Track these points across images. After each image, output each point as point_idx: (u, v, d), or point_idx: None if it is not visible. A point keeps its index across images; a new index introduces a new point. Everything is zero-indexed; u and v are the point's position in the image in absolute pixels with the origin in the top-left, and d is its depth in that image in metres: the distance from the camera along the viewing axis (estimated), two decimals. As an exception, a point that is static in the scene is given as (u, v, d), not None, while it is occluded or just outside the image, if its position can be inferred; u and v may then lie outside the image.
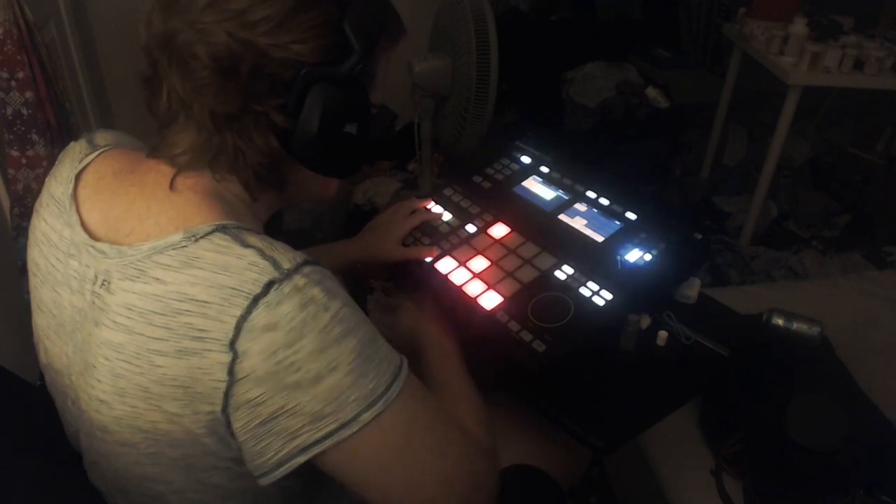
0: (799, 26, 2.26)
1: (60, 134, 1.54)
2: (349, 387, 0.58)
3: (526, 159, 1.25)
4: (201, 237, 0.59)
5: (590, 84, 2.87)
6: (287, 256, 0.58)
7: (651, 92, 2.82)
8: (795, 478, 1.03)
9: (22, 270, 1.54)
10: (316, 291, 0.57)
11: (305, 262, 0.59)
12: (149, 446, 0.62)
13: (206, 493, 0.66)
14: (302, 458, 0.59)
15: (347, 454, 0.60)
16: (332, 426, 0.58)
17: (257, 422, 0.57)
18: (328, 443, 0.58)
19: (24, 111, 1.46)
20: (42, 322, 0.71)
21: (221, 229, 0.60)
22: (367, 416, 0.58)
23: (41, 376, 0.75)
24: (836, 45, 2.23)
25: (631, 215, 1.09)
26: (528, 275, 1.02)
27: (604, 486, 1.58)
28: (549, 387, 0.92)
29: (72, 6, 2.09)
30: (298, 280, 0.57)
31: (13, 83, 1.43)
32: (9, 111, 1.45)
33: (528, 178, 1.21)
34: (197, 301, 0.56)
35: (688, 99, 2.90)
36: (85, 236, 0.64)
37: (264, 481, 0.60)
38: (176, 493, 0.66)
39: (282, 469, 0.59)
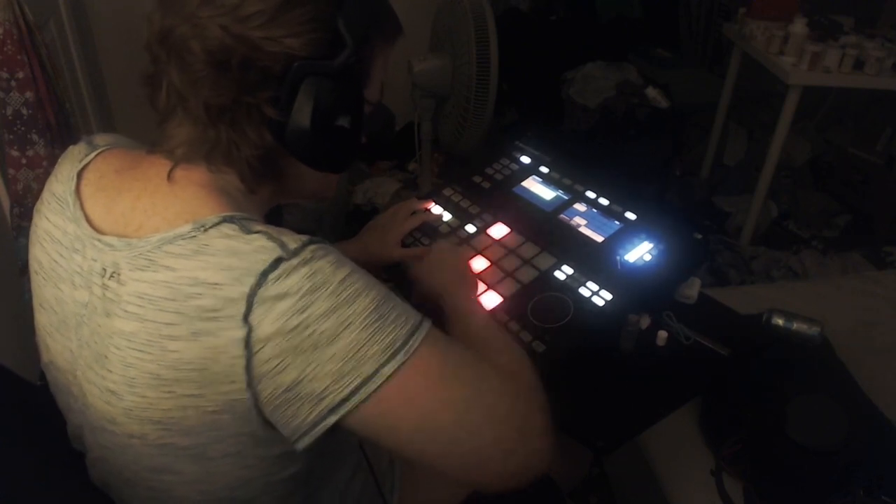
0: (799, 26, 2.26)
1: (60, 134, 1.54)
2: (366, 342, 0.58)
3: (526, 159, 1.25)
4: (210, 227, 0.60)
5: (590, 84, 2.87)
6: (293, 238, 0.60)
7: (651, 92, 2.82)
8: (795, 478, 1.03)
9: (22, 270, 1.54)
10: (323, 262, 0.59)
11: (311, 241, 0.60)
12: (159, 437, 0.63)
13: (214, 484, 0.66)
14: (332, 419, 0.59)
15: (378, 410, 0.59)
16: (356, 382, 0.58)
17: (283, 388, 0.58)
18: (355, 399, 0.58)
19: (24, 111, 1.46)
20: (44, 320, 0.71)
21: (229, 220, 0.61)
22: (388, 369, 0.58)
23: (42, 376, 0.75)
24: (836, 45, 2.24)
25: (631, 215, 1.09)
26: (528, 275, 1.02)
27: (604, 486, 1.58)
28: (549, 387, 0.92)
29: (72, 6, 2.08)
30: (306, 255, 0.58)
31: (13, 83, 1.43)
32: (9, 111, 1.45)
33: (527, 178, 1.21)
34: (208, 284, 0.57)
35: (688, 99, 2.90)
36: (91, 230, 0.65)
37: (300, 445, 0.60)
38: (184, 485, 0.66)
39: (315, 430, 0.59)
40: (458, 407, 0.63)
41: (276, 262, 0.57)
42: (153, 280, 0.60)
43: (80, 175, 0.69)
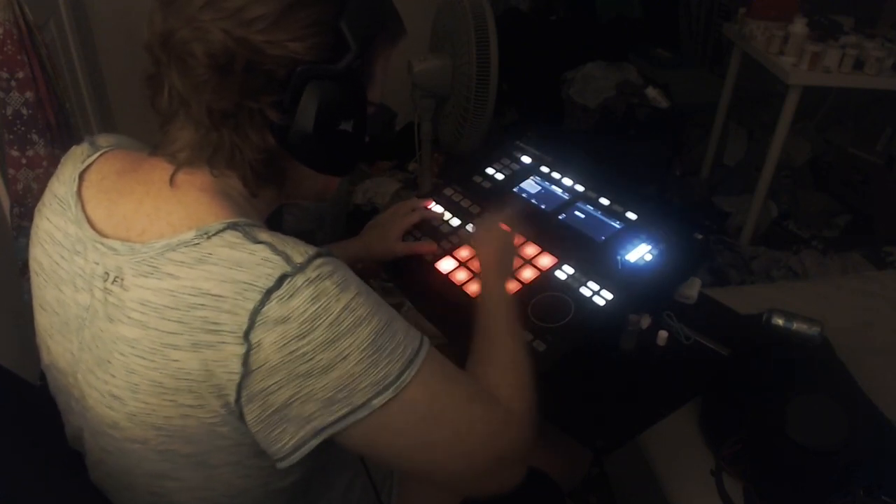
0: (799, 26, 2.26)
1: (60, 134, 1.54)
2: (360, 375, 0.59)
3: (526, 159, 1.25)
4: (213, 234, 0.60)
5: (590, 84, 2.87)
6: (298, 250, 0.59)
7: (651, 92, 2.82)
8: (795, 478, 1.03)
9: (22, 270, 1.54)
10: (327, 284, 0.58)
11: (317, 255, 0.60)
12: (161, 443, 0.62)
13: (214, 491, 0.66)
14: (316, 441, 0.60)
15: (364, 435, 0.61)
16: (344, 411, 0.59)
17: (271, 410, 0.58)
18: (341, 425, 0.59)
19: (24, 111, 1.46)
20: (44, 321, 0.71)
21: (233, 226, 0.61)
22: (378, 402, 0.60)
23: (42, 377, 0.75)
24: (836, 45, 2.23)
25: (631, 215, 1.09)
26: (528, 275, 1.02)
27: (604, 486, 1.58)
28: (549, 387, 0.92)
29: (72, 6, 2.09)
30: (310, 273, 0.58)
31: (13, 83, 1.43)
32: (9, 111, 1.45)
33: (528, 178, 1.21)
34: (211, 295, 0.57)
35: (688, 99, 2.90)
36: (93, 233, 0.65)
37: (283, 465, 0.61)
38: (185, 491, 0.66)
39: (299, 452, 0.60)
40: (437, 444, 0.65)
41: (281, 280, 0.56)
42: (156, 287, 0.59)
43: (81, 176, 0.69)
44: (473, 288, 1.01)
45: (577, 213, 1.12)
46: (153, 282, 0.60)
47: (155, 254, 0.60)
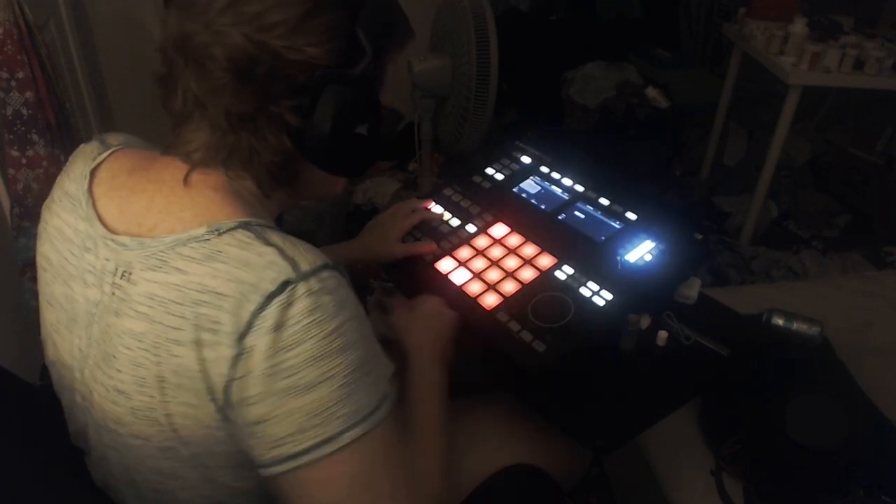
0: (799, 26, 2.26)
1: (60, 134, 1.54)
2: (339, 401, 0.59)
3: (526, 159, 1.25)
4: (224, 232, 0.60)
5: (590, 84, 2.87)
6: (307, 258, 0.59)
7: (651, 92, 2.82)
8: (795, 478, 1.03)
9: (22, 270, 1.54)
10: (327, 299, 0.58)
11: (324, 267, 0.60)
12: (163, 440, 0.63)
13: (215, 491, 0.66)
14: (280, 468, 0.59)
15: (321, 475, 0.60)
16: (314, 440, 0.58)
17: (248, 422, 0.59)
18: (307, 458, 0.59)
19: (24, 111, 1.46)
20: (51, 317, 0.71)
21: (244, 226, 0.61)
22: (348, 436, 0.59)
23: (42, 376, 0.75)
24: (836, 45, 2.23)
25: (631, 215, 1.09)
26: (528, 275, 1.02)
27: (604, 486, 1.58)
28: (550, 387, 0.92)
29: (72, 6, 2.08)
30: (313, 284, 0.58)
31: (13, 83, 1.43)
32: (9, 111, 1.45)
33: (528, 178, 1.21)
34: (216, 293, 0.58)
35: (688, 99, 2.90)
36: (103, 230, 0.65)
37: (263, 473, 0.61)
38: (187, 489, 0.67)
39: (268, 470, 0.60)
40: (384, 495, 0.63)
41: (284, 285, 0.57)
42: (164, 281, 0.60)
43: (92, 173, 0.69)
44: (474, 288, 1.01)
45: (576, 213, 1.12)
46: (161, 275, 0.60)
47: (165, 248, 0.61)
